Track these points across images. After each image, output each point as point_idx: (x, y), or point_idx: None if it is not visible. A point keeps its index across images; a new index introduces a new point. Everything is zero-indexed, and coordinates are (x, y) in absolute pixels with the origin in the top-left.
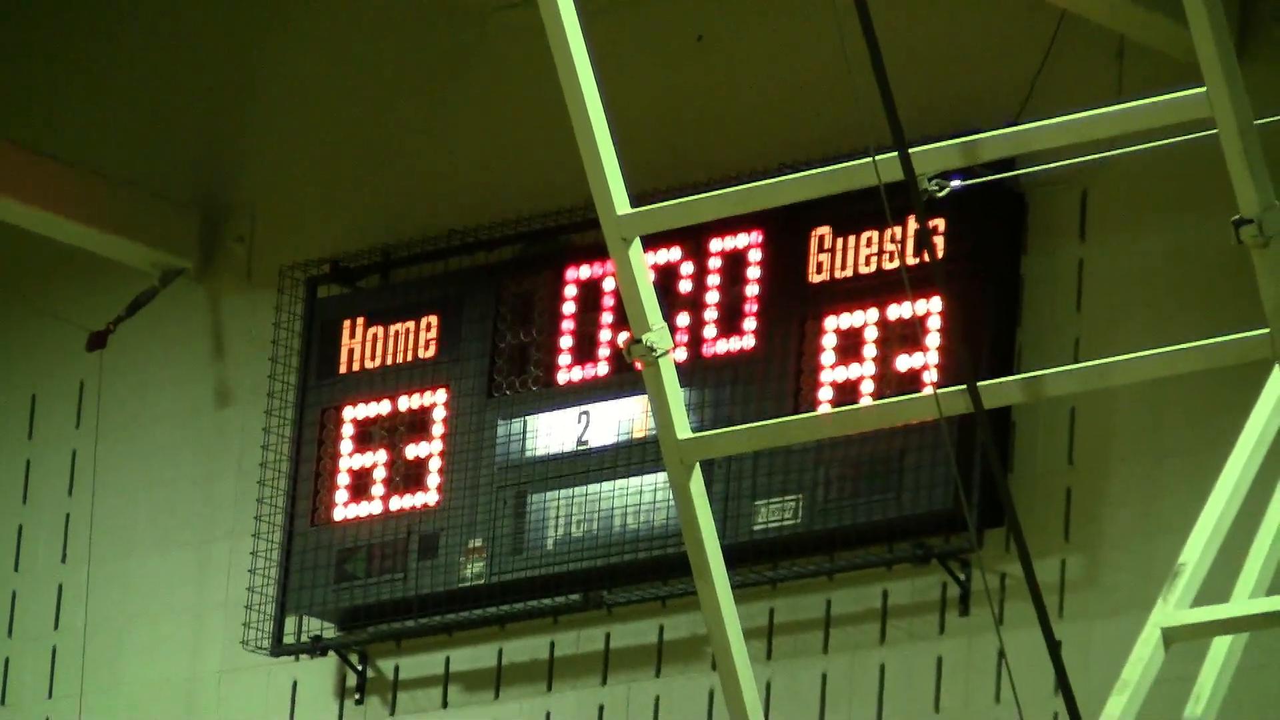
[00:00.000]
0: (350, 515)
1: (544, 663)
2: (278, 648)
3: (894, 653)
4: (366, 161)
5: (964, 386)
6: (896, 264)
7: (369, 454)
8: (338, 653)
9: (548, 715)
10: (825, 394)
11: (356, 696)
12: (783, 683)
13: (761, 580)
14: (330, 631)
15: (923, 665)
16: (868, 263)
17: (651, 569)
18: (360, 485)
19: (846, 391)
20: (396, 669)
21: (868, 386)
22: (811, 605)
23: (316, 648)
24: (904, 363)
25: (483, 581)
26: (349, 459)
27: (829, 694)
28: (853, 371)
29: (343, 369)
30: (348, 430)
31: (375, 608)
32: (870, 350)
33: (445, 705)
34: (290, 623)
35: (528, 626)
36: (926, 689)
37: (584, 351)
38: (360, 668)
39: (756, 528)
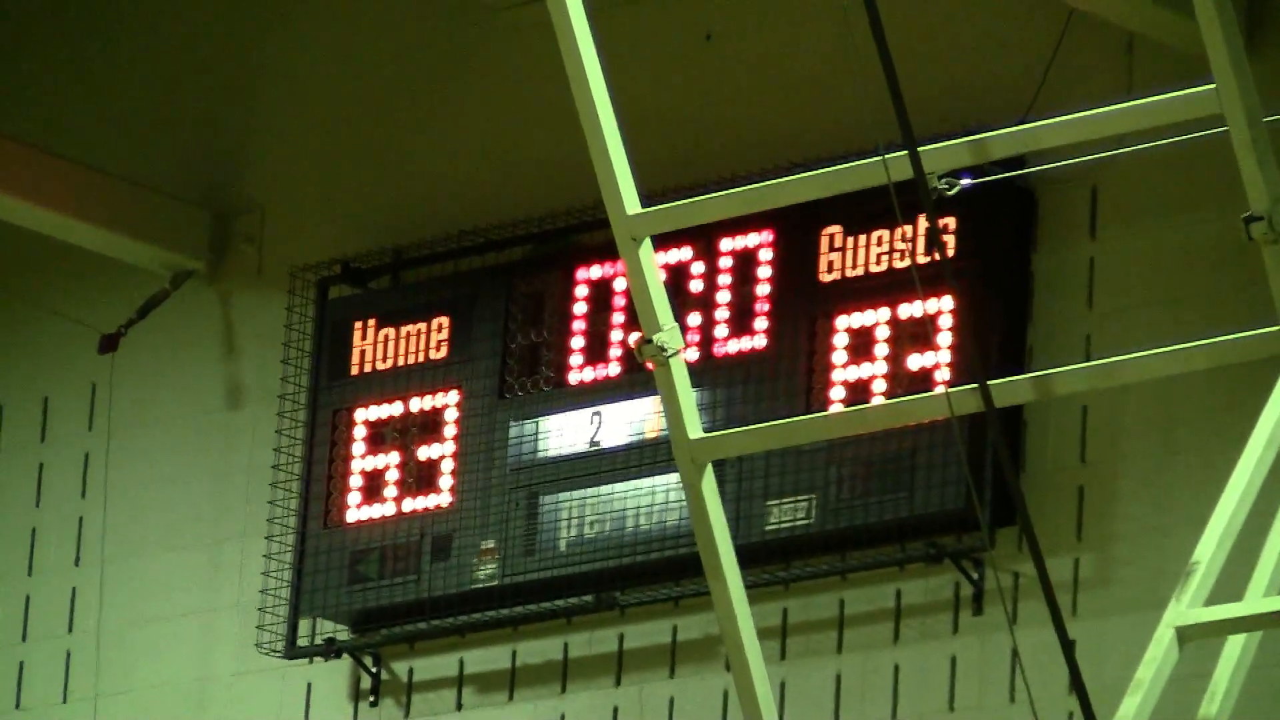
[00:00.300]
0: (363, 517)
1: (558, 664)
2: (292, 650)
3: (907, 652)
4: (376, 162)
5: (975, 385)
6: (907, 263)
7: (381, 455)
8: (352, 655)
9: (561, 717)
10: (837, 393)
11: (371, 699)
12: (796, 683)
13: (774, 580)
14: (344, 634)
15: (936, 665)
16: (878, 261)
17: (664, 569)
18: (372, 487)
19: (858, 391)
20: (410, 671)
21: (879, 386)
22: (824, 605)
23: (330, 650)
24: (915, 362)
25: (496, 583)
26: (361, 460)
27: (843, 694)
28: (864, 371)
29: (354, 370)
30: (360, 432)
31: (389, 610)
32: (881, 349)
33: (459, 707)
34: (304, 625)
35: (541, 628)
36: (940, 688)
37: (595, 352)
38: (374, 670)
39: (769, 527)
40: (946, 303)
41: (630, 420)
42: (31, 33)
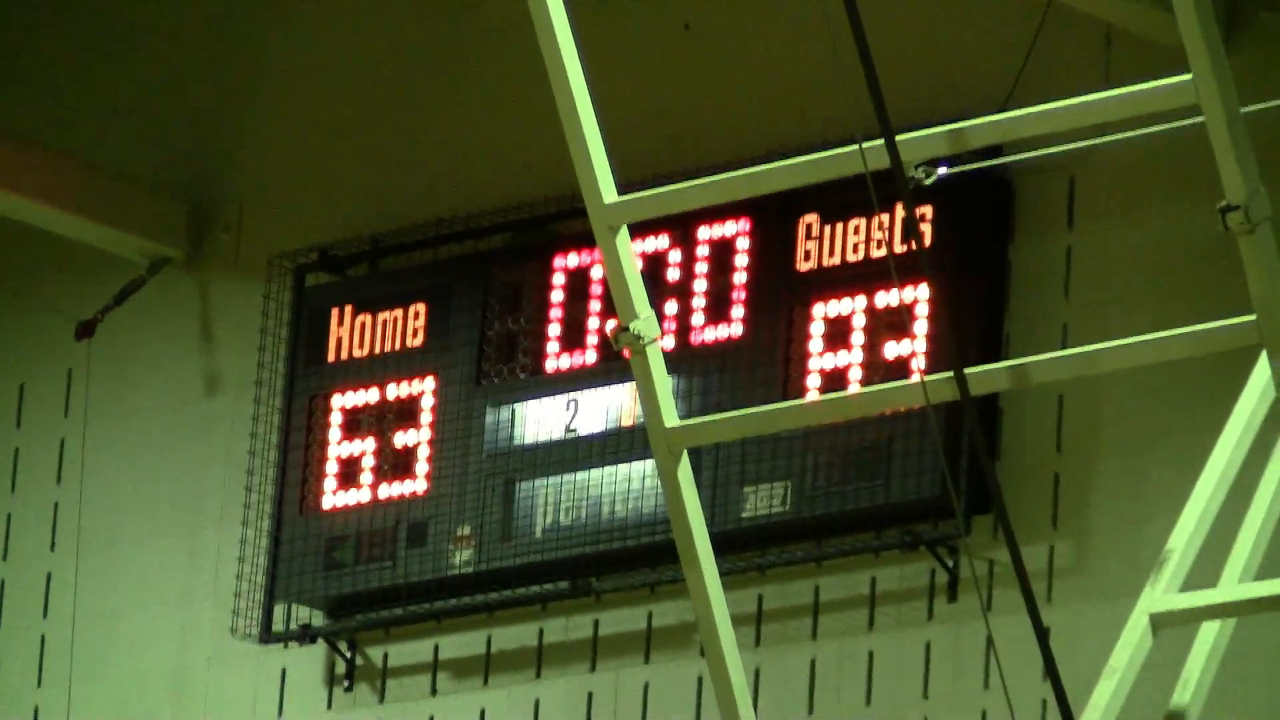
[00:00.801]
0: (339, 504)
1: (533, 650)
2: (266, 636)
3: (882, 639)
4: (355, 150)
5: (951, 374)
6: (884, 252)
7: (357, 442)
8: (327, 640)
9: (536, 703)
10: (813, 382)
11: (345, 684)
12: (771, 669)
13: (750, 567)
14: (319, 619)
15: (911, 652)
16: (855, 250)
17: (640, 556)
18: (349, 473)
19: (835, 379)
20: (385, 656)
21: (856, 374)
22: (800, 592)
23: (305, 635)
24: (892, 350)
25: (471, 569)
26: (337, 447)
27: (818, 680)
28: (841, 359)
29: (331, 357)
30: (336, 419)
31: (364, 595)
32: (858, 338)
33: (434, 693)
34: (279, 611)
35: (516, 614)
36: (915, 675)
37: (572, 339)
38: (349, 655)
39: (745, 515)
40: (923, 292)
41: (607, 408)
42: (8, 23)
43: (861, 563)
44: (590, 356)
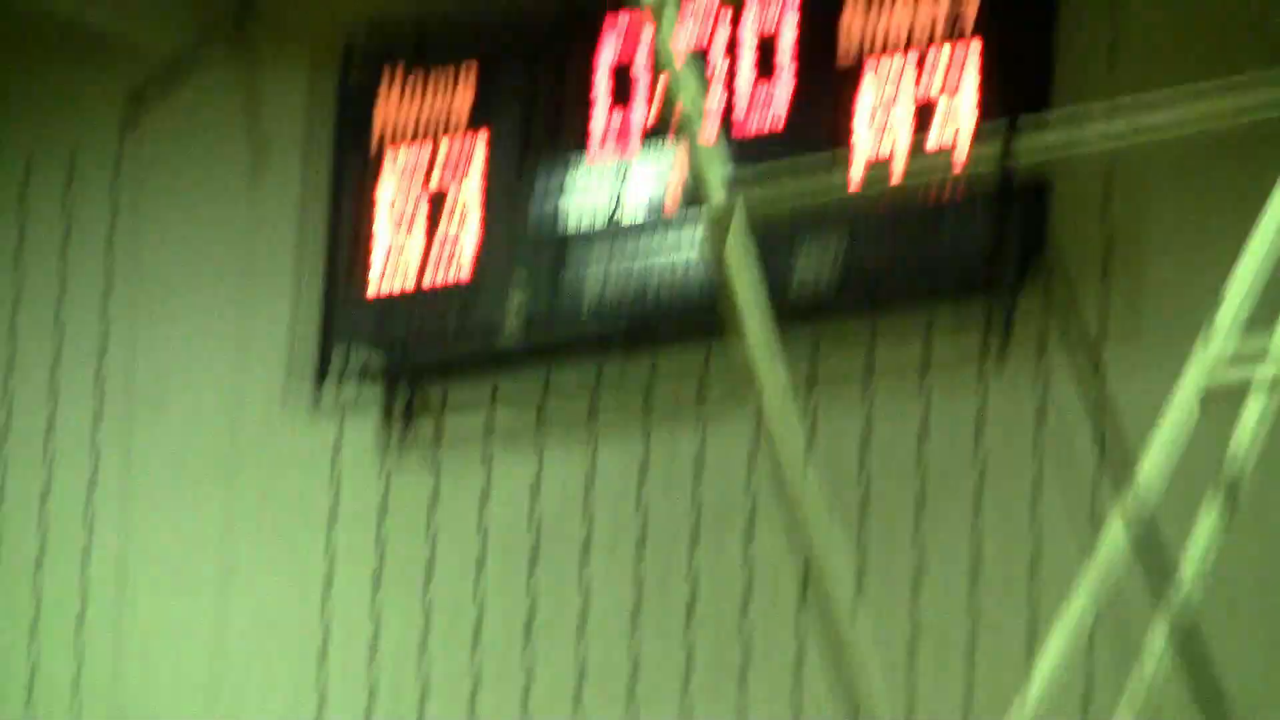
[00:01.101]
0: (391, 276)
1: (584, 405)
2: (320, 384)
3: (934, 404)
4: None
5: (999, 138)
6: (930, 17)
7: (408, 207)
8: (383, 382)
9: (594, 453)
10: (862, 150)
11: (402, 425)
12: (824, 433)
13: (802, 334)
14: (376, 362)
15: (963, 417)
16: (905, 5)
17: (693, 326)
18: (399, 243)
19: (884, 148)
20: (444, 396)
21: (904, 141)
22: (851, 359)
23: (364, 374)
24: (940, 116)
25: (524, 336)
26: (387, 218)
27: (871, 445)
28: (892, 119)
29: (377, 133)
30: (385, 189)
31: (418, 363)
32: (906, 104)
33: (489, 434)
34: (335, 359)
35: (569, 373)
36: (966, 440)
37: (623, 111)
38: (407, 400)
39: (796, 282)
40: (974, 50)
41: (657, 175)
42: None
43: (913, 329)
44: (639, 127)
